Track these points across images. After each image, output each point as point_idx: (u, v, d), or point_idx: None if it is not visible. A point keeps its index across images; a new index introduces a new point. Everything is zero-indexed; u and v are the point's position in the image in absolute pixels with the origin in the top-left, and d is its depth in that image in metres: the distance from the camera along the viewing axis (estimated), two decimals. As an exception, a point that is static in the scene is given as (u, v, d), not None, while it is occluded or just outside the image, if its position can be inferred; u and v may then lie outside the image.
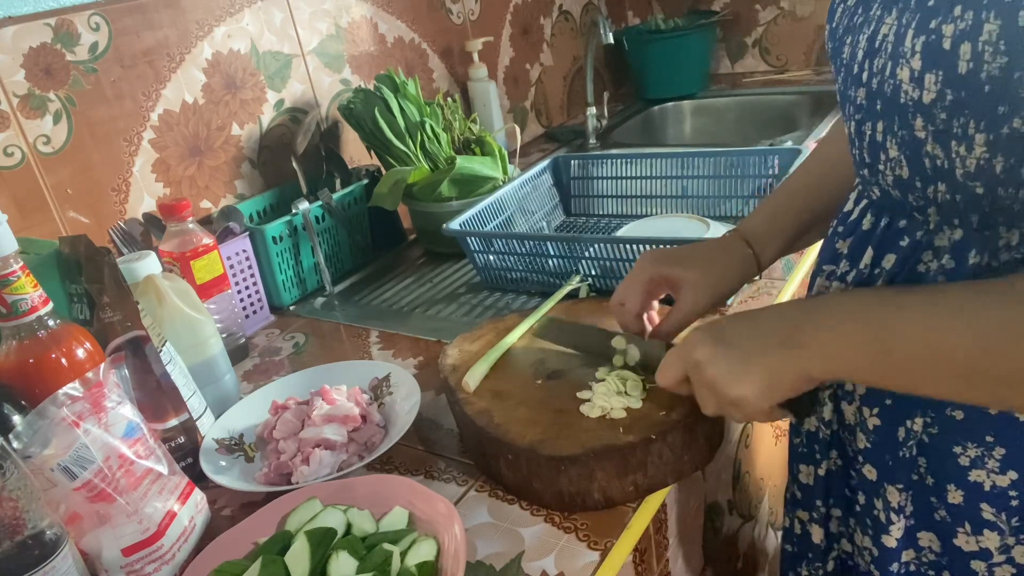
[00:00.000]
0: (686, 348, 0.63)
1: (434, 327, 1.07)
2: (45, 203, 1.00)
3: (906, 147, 0.56)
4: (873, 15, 0.56)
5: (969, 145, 0.51)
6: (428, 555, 0.60)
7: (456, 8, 1.65)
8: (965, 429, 0.59)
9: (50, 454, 0.60)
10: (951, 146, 0.52)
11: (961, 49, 0.48)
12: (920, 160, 0.55)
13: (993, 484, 0.59)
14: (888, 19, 0.54)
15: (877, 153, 0.59)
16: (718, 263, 0.76)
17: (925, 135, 0.53)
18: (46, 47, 0.99)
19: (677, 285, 0.75)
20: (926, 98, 0.51)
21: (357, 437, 0.78)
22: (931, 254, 0.58)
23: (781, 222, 0.78)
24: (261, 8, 1.25)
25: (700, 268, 0.75)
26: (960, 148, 0.51)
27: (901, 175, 0.58)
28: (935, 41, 0.49)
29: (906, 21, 0.52)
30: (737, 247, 0.77)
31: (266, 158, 1.29)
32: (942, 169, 0.54)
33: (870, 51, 0.56)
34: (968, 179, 0.52)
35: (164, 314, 0.85)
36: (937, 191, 0.56)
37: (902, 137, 0.55)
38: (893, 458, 0.63)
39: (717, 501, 0.86)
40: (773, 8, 2.06)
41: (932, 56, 0.50)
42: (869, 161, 0.61)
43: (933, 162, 0.54)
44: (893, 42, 0.53)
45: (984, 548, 0.61)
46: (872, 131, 0.59)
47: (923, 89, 0.51)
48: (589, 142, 1.76)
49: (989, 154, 0.50)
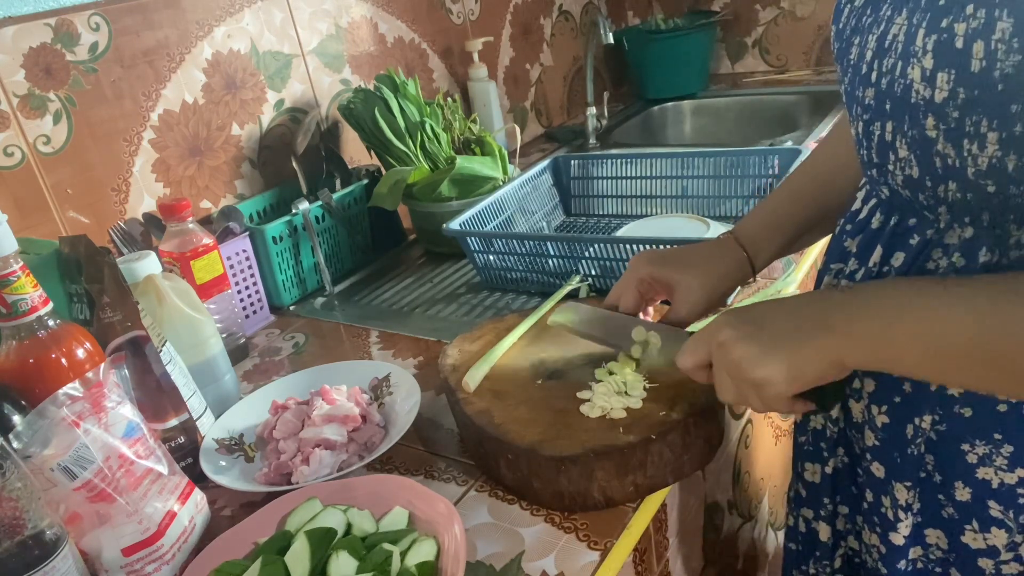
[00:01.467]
0: (711, 330, 0.61)
1: (434, 327, 1.07)
2: (45, 203, 1.00)
3: (916, 147, 0.55)
4: (883, 16, 0.56)
5: (982, 143, 0.51)
6: (428, 555, 0.60)
7: (456, 8, 1.65)
8: (973, 426, 0.59)
9: (50, 454, 0.60)
10: (963, 145, 0.52)
11: (974, 48, 0.48)
12: (930, 159, 0.55)
13: (1001, 482, 0.59)
14: (899, 19, 0.54)
15: (886, 153, 0.59)
16: (712, 265, 0.76)
17: (936, 134, 0.53)
18: (46, 47, 0.99)
19: (671, 287, 0.75)
20: (938, 97, 0.51)
21: (357, 437, 0.78)
22: (941, 252, 0.58)
23: (777, 225, 0.78)
24: (261, 8, 1.25)
25: (693, 270, 0.75)
26: (972, 147, 0.51)
27: (911, 175, 0.57)
28: (947, 40, 0.49)
29: (917, 20, 0.52)
30: (731, 249, 0.77)
31: (266, 158, 1.29)
32: (953, 168, 0.54)
33: (879, 51, 0.56)
34: (980, 177, 0.52)
35: (164, 314, 0.85)
36: (948, 190, 0.55)
37: (912, 137, 0.55)
38: (901, 455, 0.63)
39: (717, 501, 0.86)
40: (773, 8, 2.06)
41: (944, 55, 0.50)
42: (878, 161, 0.61)
43: (944, 161, 0.54)
44: (903, 41, 0.53)
45: (992, 546, 0.61)
46: (881, 131, 0.58)
47: (935, 88, 0.51)
48: (589, 142, 1.76)
49: (1001, 152, 0.50)
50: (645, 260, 0.77)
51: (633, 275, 0.77)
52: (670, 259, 0.76)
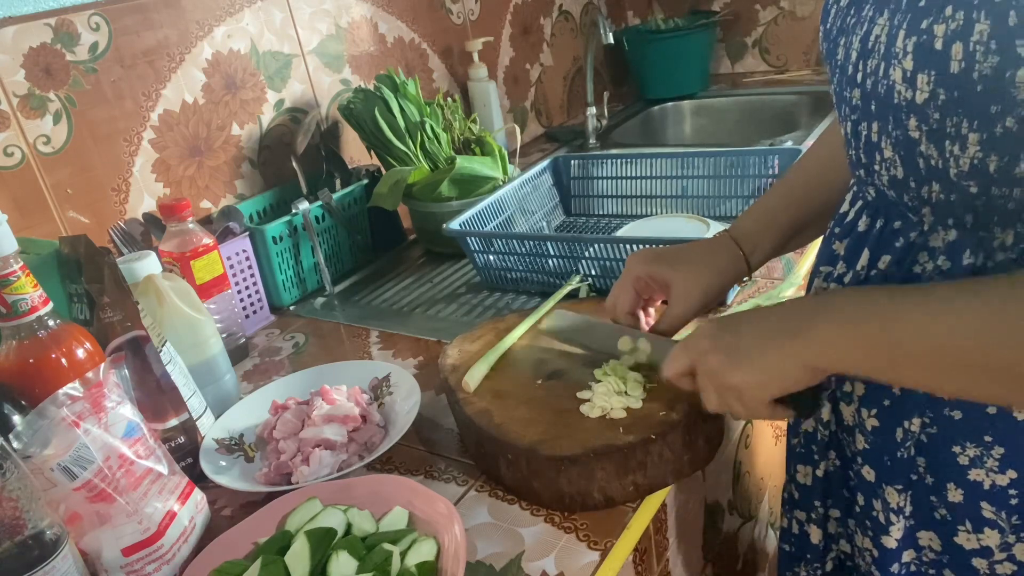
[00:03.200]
0: (692, 338, 0.63)
1: (434, 327, 1.07)
2: (45, 203, 1.00)
3: (900, 147, 0.56)
4: (865, 16, 0.56)
5: (963, 144, 0.51)
6: (428, 555, 0.60)
7: (456, 8, 1.65)
8: (964, 429, 0.59)
9: (50, 454, 0.60)
10: (945, 146, 0.52)
11: (953, 49, 0.48)
12: (914, 160, 0.55)
13: (993, 483, 0.59)
14: (880, 20, 0.54)
15: (872, 153, 0.59)
16: (707, 264, 0.76)
17: (919, 135, 0.53)
18: (46, 47, 0.99)
19: (667, 285, 0.75)
20: (919, 98, 0.51)
21: (357, 437, 0.78)
22: (926, 255, 0.58)
23: (772, 223, 0.78)
24: (261, 8, 1.25)
25: (689, 267, 0.75)
26: (954, 148, 0.52)
27: (896, 175, 0.58)
28: (927, 41, 0.50)
29: (898, 22, 0.52)
30: (727, 248, 0.77)
31: (266, 158, 1.29)
32: (936, 169, 0.54)
33: (863, 52, 0.56)
34: (962, 179, 0.53)
35: (164, 314, 0.85)
36: (931, 191, 0.56)
37: (896, 137, 0.55)
38: (892, 459, 0.63)
39: (717, 501, 0.86)
40: (773, 8, 2.06)
41: (924, 56, 0.50)
42: (865, 161, 0.61)
43: (927, 162, 0.54)
44: (885, 43, 0.53)
45: (985, 546, 0.61)
46: (868, 131, 0.59)
47: (916, 89, 0.51)
48: (589, 142, 1.76)
49: (983, 153, 0.50)
50: (641, 259, 0.77)
51: (629, 275, 0.77)
52: (666, 257, 0.76)
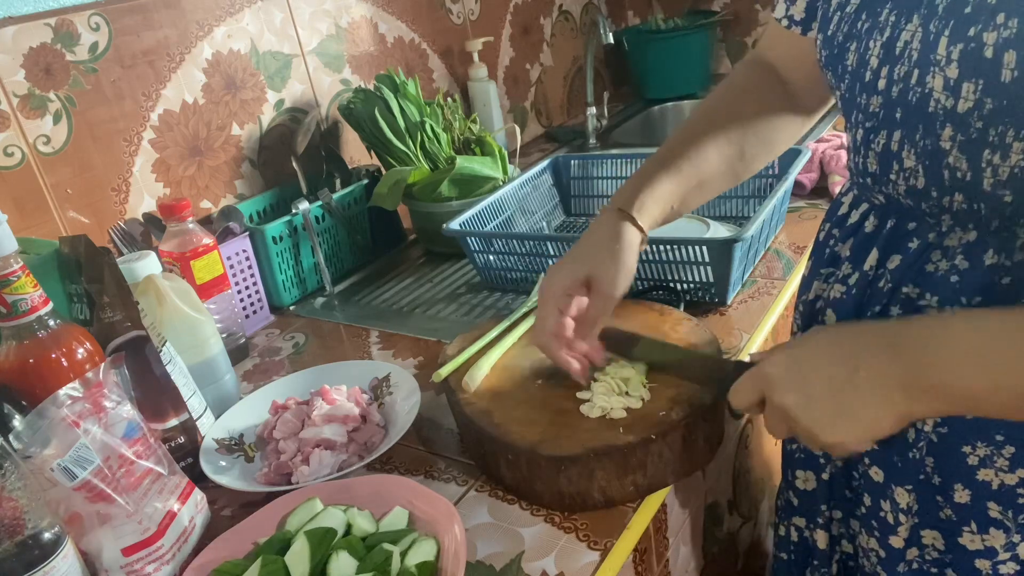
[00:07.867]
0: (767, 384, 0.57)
1: (434, 327, 1.07)
2: (45, 203, 1.00)
3: (925, 157, 0.55)
4: (885, 20, 0.56)
5: (1005, 153, 0.50)
6: (428, 555, 0.60)
7: (456, 8, 1.65)
8: (975, 428, 0.58)
9: (50, 454, 0.60)
10: (983, 155, 0.51)
11: (1005, 57, 0.48)
12: (939, 171, 0.54)
13: (1001, 483, 0.59)
14: (909, 26, 0.53)
15: (890, 162, 0.58)
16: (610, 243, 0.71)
17: (950, 145, 0.53)
18: (46, 47, 0.99)
19: (588, 283, 0.71)
20: (961, 107, 0.51)
21: (357, 437, 0.78)
22: (940, 254, 0.58)
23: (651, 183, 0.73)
24: (261, 8, 1.25)
25: (599, 256, 0.71)
26: (994, 157, 0.51)
27: (915, 185, 0.57)
28: (975, 49, 0.49)
29: (935, 28, 0.51)
30: (614, 221, 0.72)
31: (266, 158, 1.29)
32: (962, 181, 0.53)
33: (888, 58, 0.55)
34: (998, 188, 0.52)
35: (164, 314, 0.85)
36: (953, 200, 0.55)
37: (924, 147, 0.54)
38: (902, 459, 0.63)
39: (717, 501, 0.86)
40: (773, 8, 2.05)
41: (971, 64, 0.49)
42: (875, 170, 0.60)
43: (953, 173, 0.53)
44: (920, 49, 0.52)
45: (990, 546, 0.61)
46: (887, 140, 0.58)
47: (959, 98, 0.50)
48: (589, 142, 1.76)
49: None
50: (555, 279, 0.72)
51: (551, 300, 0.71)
52: (575, 259, 0.72)
